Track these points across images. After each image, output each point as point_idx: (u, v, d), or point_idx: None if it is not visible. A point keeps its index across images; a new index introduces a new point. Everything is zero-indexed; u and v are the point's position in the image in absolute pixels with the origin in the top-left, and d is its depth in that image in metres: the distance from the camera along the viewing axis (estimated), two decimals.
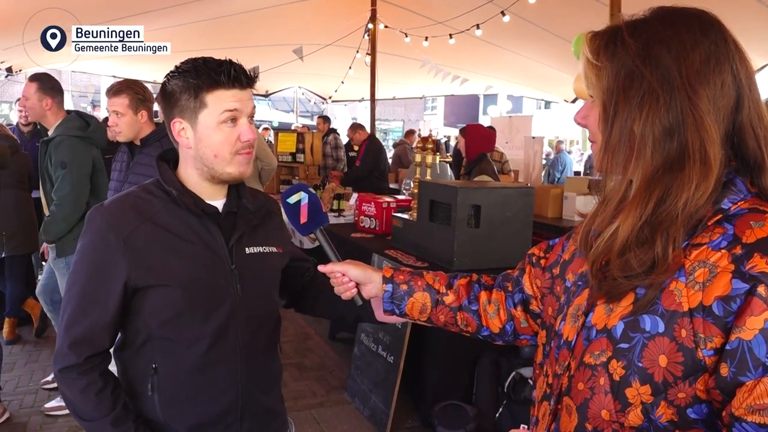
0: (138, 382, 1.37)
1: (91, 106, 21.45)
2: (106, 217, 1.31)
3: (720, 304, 0.75)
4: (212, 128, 1.31)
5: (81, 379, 1.29)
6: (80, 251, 1.34)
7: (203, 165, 1.34)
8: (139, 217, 1.32)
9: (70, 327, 1.30)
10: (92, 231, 1.32)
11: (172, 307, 1.32)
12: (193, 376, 1.36)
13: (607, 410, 0.84)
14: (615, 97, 0.86)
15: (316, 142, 7.60)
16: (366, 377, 3.60)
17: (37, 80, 3.48)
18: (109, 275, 1.29)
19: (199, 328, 1.34)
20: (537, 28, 7.73)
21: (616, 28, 0.88)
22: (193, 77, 1.29)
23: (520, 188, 3.54)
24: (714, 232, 0.81)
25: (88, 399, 1.30)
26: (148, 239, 1.30)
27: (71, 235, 3.44)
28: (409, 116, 29.96)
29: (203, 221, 1.36)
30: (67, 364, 1.29)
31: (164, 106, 1.36)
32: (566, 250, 1.10)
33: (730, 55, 0.83)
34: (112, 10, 7.08)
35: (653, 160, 0.83)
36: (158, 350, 1.35)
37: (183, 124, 1.33)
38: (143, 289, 1.31)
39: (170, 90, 1.33)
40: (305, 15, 8.81)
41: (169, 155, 1.44)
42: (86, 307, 1.30)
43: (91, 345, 1.30)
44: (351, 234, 4.42)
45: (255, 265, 1.43)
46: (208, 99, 1.30)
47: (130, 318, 1.35)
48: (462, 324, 1.26)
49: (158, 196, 1.36)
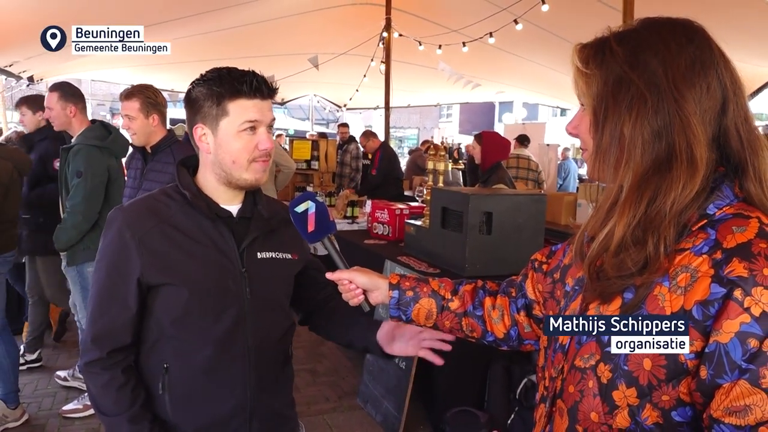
0: (150, 380, 1.42)
1: (110, 114, 21.75)
2: (124, 217, 1.38)
3: (699, 308, 0.78)
4: (232, 135, 1.36)
5: (104, 374, 1.36)
6: (101, 250, 1.41)
7: (221, 170, 1.39)
8: (154, 218, 1.38)
9: (93, 322, 1.38)
10: (112, 230, 1.38)
11: (181, 306, 1.36)
12: (202, 377, 1.39)
13: (596, 412, 0.86)
14: (605, 102, 0.88)
15: (330, 150, 7.66)
16: (378, 383, 3.62)
17: (58, 89, 3.54)
18: (125, 272, 1.35)
19: (208, 329, 1.38)
20: (550, 35, 7.73)
21: (604, 39, 0.91)
22: (216, 85, 1.34)
23: (531, 195, 3.55)
24: (697, 237, 0.82)
25: (108, 394, 1.35)
26: (162, 239, 1.36)
27: (82, 245, 3.48)
28: (424, 124, 29.96)
29: (216, 224, 1.40)
30: (91, 358, 1.36)
31: (188, 111, 1.42)
32: (567, 255, 1.13)
33: (714, 61, 0.86)
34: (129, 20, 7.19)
35: (643, 162, 0.85)
36: (169, 350, 1.40)
37: (204, 129, 1.38)
38: (155, 287, 1.37)
39: (194, 96, 1.38)
40: (321, 24, 8.89)
41: (190, 161, 1.49)
42: (107, 303, 1.37)
43: (113, 340, 1.37)
44: (364, 240, 4.45)
45: (266, 270, 1.46)
46: (229, 107, 1.35)
47: (145, 316, 1.40)
48: (467, 329, 1.29)
49: (175, 199, 1.42)
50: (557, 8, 6.56)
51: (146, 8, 6.86)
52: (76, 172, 3.42)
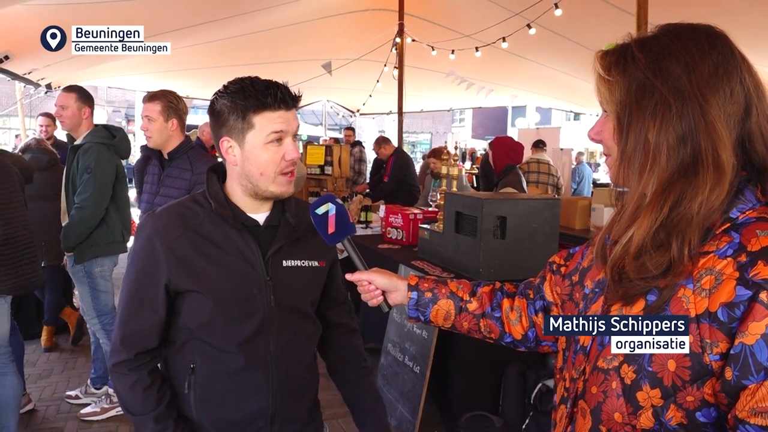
0: (176, 380, 1.46)
1: (126, 120, 21.99)
2: (154, 224, 1.42)
3: (725, 310, 0.78)
4: (259, 148, 1.37)
5: (131, 375, 1.40)
6: (132, 255, 1.45)
7: (248, 182, 1.42)
8: (183, 225, 1.41)
9: (122, 325, 1.42)
10: (142, 237, 1.42)
11: (206, 312, 1.39)
12: (226, 379, 1.42)
13: (620, 413, 0.87)
14: (628, 108, 0.89)
15: (344, 155, 7.67)
16: (393, 387, 3.62)
17: (76, 91, 3.64)
18: (154, 278, 1.39)
19: (232, 335, 1.41)
20: (564, 40, 7.71)
21: (625, 46, 0.92)
22: (241, 99, 1.36)
23: (545, 200, 3.54)
24: (721, 241, 0.83)
25: (136, 394, 1.40)
26: (189, 247, 1.39)
27: (89, 241, 3.55)
28: (436, 129, 29.96)
29: (242, 233, 1.43)
30: (119, 359, 1.41)
31: (213, 124, 1.43)
32: (585, 258, 1.13)
33: (737, 66, 0.87)
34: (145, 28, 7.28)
35: (668, 167, 0.86)
36: (196, 351, 1.43)
37: (231, 142, 1.40)
38: (182, 293, 1.40)
39: (218, 109, 1.40)
40: (334, 30, 8.94)
41: (221, 167, 1.51)
42: (136, 307, 1.41)
43: (141, 342, 1.41)
44: (378, 245, 4.47)
45: (291, 278, 1.48)
46: (255, 120, 1.36)
47: (173, 318, 1.44)
48: (485, 330, 1.30)
49: (204, 207, 1.44)
50: (570, 13, 6.54)
51: (162, 16, 6.94)
52: (86, 168, 3.49)
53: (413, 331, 3.50)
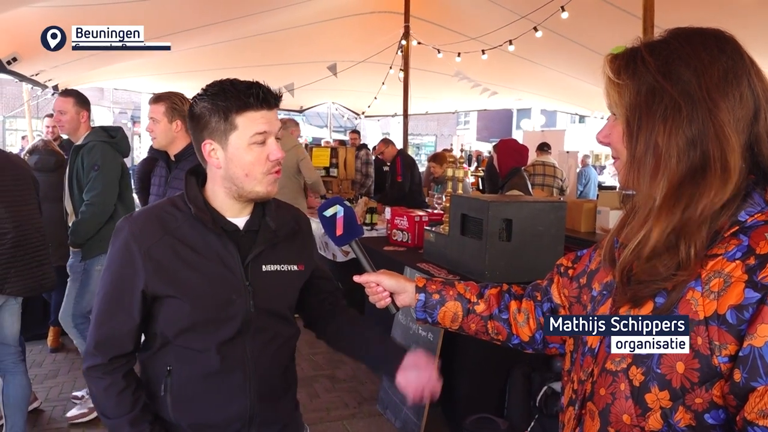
0: (153, 382, 1.45)
1: (131, 121, 22.06)
2: (131, 228, 1.39)
3: (733, 312, 0.79)
4: (243, 149, 1.36)
5: (105, 379, 1.39)
6: (108, 258, 1.42)
7: (232, 184, 1.40)
8: (161, 230, 1.38)
9: (96, 328, 1.40)
10: (119, 240, 1.40)
11: (184, 317, 1.38)
12: (202, 382, 1.42)
13: (628, 415, 0.87)
14: (638, 112, 0.89)
15: (349, 157, 7.70)
16: (398, 389, 3.62)
17: (73, 95, 3.68)
18: (130, 283, 1.37)
19: (210, 339, 1.40)
20: (570, 43, 7.71)
21: (635, 49, 0.92)
22: (222, 100, 1.34)
23: (551, 202, 3.54)
24: (729, 244, 0.84)
25: (110, 397, 1.38)
26: (167, 252, 1.37)
27: (98, 237, 3.59)
28: (441, 131, 29.97)
29: (221, 238, 1.40)
30: (93, 363, 1.39)
31: (193, 127, 1.41)
32: (593, 260, 1.14)
33: (747, 70, 0.87)
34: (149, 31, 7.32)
35: (678, 170, 0.86)
36: (173, 355, 1.42)
37: (213, 145, 1.38)
38: (159, 298, 1.38)
39: (198, 112, 1.37)
40: (340, 33, 8.96)
41: (201, 169, 1.49)
42: (111, 311, 1.39)
43: (115, 347, 1.40)
44: (384, 247, 4.47)
45: (271, 283, 1.46)
46: (238, 121, 1.34)
47: (150, 323, 1.43)
48: (493, 332, 1.30)
49: (182, 211, 1.42)
50: (577, 16, 6.54)
51: (168, 18, 6.97)
52: (93, 165, 3.55)
53: (419, 333, 3.50)
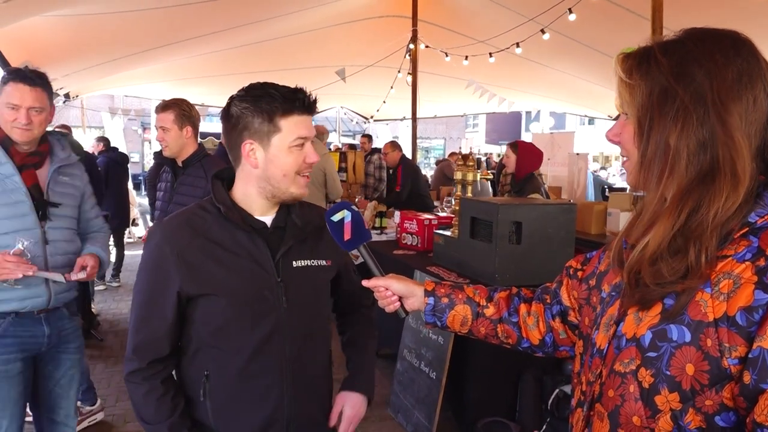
0: (191, 388, 1.47)
1: (141, 128, 22.21)
2: (163, 231, 1.44)
3: (743, 314, 0.78)
4: (284, 151, 1.41)
5: (144, 384, 1.42)
6: (142, 263, 1.46)
7: (268, 184, 1.44)
8: (192, 232, 1.42)
9: (135, 334, 1.44)
10: (152, 244, 1.45)
11: (220, 315, 1.41)
12: (240, 385, 1.43)
13: (638, 416, 0.87)
14: (650, 113, 0.89)
15: (358, 161, 7.70)
16: (409, 393, 3.62)
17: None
18: (165, 285, 1.41)
19: (246, 338, 1.42)
20: (578, 45, 7.70)
21: (647, 49, 0.92)
22: (266, 102, 1.39)
23: (561, 205, 3.53)
24: (739, 245, 0.83)
25: (149, 403, 1.41)
26: (199, 252, 1.40)
27: None
28: (450, 134, 29.93)
29: (251, 236, 1.44)
30: (132, 368, 1.43)
31: (230, 126, 1.44)
32: (602, 262, 1.13)
33: (762, 73, 0.86)
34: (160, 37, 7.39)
35: (687, 173, 0.86)
36: (209, 358, 1.44)
37: (254, 145, 1.41)
38: (194, 299, 1.41)
39: (239, 113, 1.41)
40: (348, 37, 8.99)
41: (223, 174, 1.52)
42: (147, 315, 1.43)
43: (153, 350, 1.43)
44: (393, 251, 4.47)
45: (302, 278, 1.50)
46: (282, 124, 1.39)
47: (185, 326, 1.45)
48: (502, 336, 1.30)
49: (211, 212, 1.46)
50: (584, 17, 6.53)
51: (178, 25, 7.02)
52: None
53: (429, 336, 3.50)
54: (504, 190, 5.30)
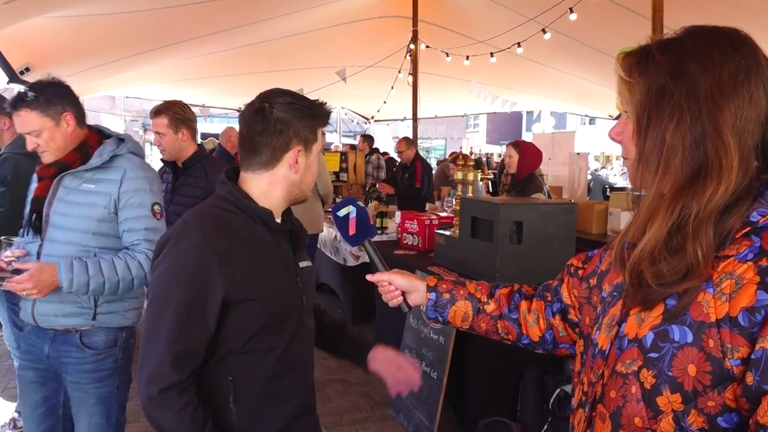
0: (217, 394, 1.39)
1: (143, 129, 22.20)
2: (202, 234, 1.34)
3: (745, 315, 0.78)
4: (314, 159, 1.50)
5: (180, 398, 1.30)
6: (174, 267, 1.34)
7: (298, 189, 1.49)
8: (228, 235, 1.36)
9: (172, 344, 1.30)
10: (186, 248, 1.33)
11: (256, 320, 1.38)
12: (267, 386, 1.43)
13: (640, 418, 0.86)
14: (647, 110, 0.90)
15: (359, 162, 7.71)
16: (410, 393, 3.62)
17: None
18: (208, 292, 1.31)
19: (274, 339, 1.43)
20: (579, 44, 7.70)
21: (646, 47, 0.92)
22: (311, 113, 1.46)
23: (562, 204, 3.53)
24: (741, 245, 0.83)
25: (185, 417, 1.30)
26: (240, 256, 1.36)
27: None
28: (451, 134, 29.94)
29: (276, 237, 1.46)
30: (169, 383, 1.28)
31: (274, 130, 1.40)
32: (603, 261, 1.13)
33: (760, 71, 0.86)
34: (160, 38, 7.40)
35: (682, 170, 0.86)
36: (236, 363, 1.39)
37: (302, 152, 1.46)
38: (234, 304, 1.34)
39: (288, 119, 1.42)
40: (348, 37, 9.00)
41: (231, 173, 1.50)
42: (187, 324, 1.31)
43: (193, 361, 1.33)
44: (394, 251, 4.47)
45: (308, 278, 1.57)
46: (319, 134, 1.50)
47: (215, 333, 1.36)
48: (503, 332, 1.31)
49: (236, 214, 1.41)
50: (585, 17, 6.54)
51: (177, 25, 7.03)
52: (2, 179, 3.22)
53: (430, 336, 3.50)
54: (504, 190, 5.30)
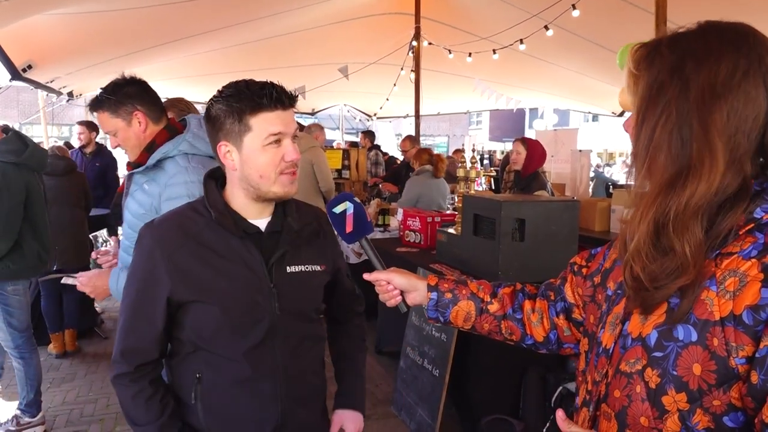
0: (183, 389, 1.44)
1: None
2: (153, 235, 1.39)
3: (750, 313, 0.77)
4: (257, 150, 1.33)
5: (132, 386, 1.39)
6: (131, 266, 1.42)
7: (249, 185, 1.38)
8: (183, 235, 1.37)
9: (123, 338, 1.40)
10: (141, 248, 1.40)
11: (212, 322, 1.37)
12: (233, 389, 1.41)
13: (646, 417, 0.85)
14: (645, 104, 0.89)
15: (361, 159, 7.69)
16: (412, 390, 3.62)
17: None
18: (154, 290, 1.36)
19: (238, 344, 1.39)
20: (582, 41, 7.67)
21: (658, 41, 0.91)
22: (235, 101, 1.32)
23: (564, 201, 3.52)
24: (745, 241, 0.82)
25: (138, 405, 1.38)
26: (191, 257, 1.35)
27: (1, 264, 3.27)
28: (453, 131, 29.89)
29: (244, 241, 1.39)
30: (119, 371, 1.39)
31: (209, 129, 1.39)
32: (607, 259, 1.12)
33: (762, 68, 0.84)
34: (162, 35, 7.39)
35: (666, 168, 0.86)
36: (201, 361, 1.41)
37: (228, 147, 1.36)
38: (185, 304, 1.37)
39: (214, 114, 1.36)
40: (351, 34, 8.97)
41: (217, 173, 1.47)
42: (135, 320, 1.39)
43: (141, 355, 1.39)
44: (396, 248, 4.46)
45: (296, 284, 1.45)
46: (252, 122, 1.32)
47: (177, 329, 1.41)
48: (506, 332, 1.29)
49: (203, 215, 1.40)
50: (588, 13, 6.51)
51: (179, 22, 7.02)
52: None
53: (432, 334, 3.49)
54: (507, 187, 5.28)
